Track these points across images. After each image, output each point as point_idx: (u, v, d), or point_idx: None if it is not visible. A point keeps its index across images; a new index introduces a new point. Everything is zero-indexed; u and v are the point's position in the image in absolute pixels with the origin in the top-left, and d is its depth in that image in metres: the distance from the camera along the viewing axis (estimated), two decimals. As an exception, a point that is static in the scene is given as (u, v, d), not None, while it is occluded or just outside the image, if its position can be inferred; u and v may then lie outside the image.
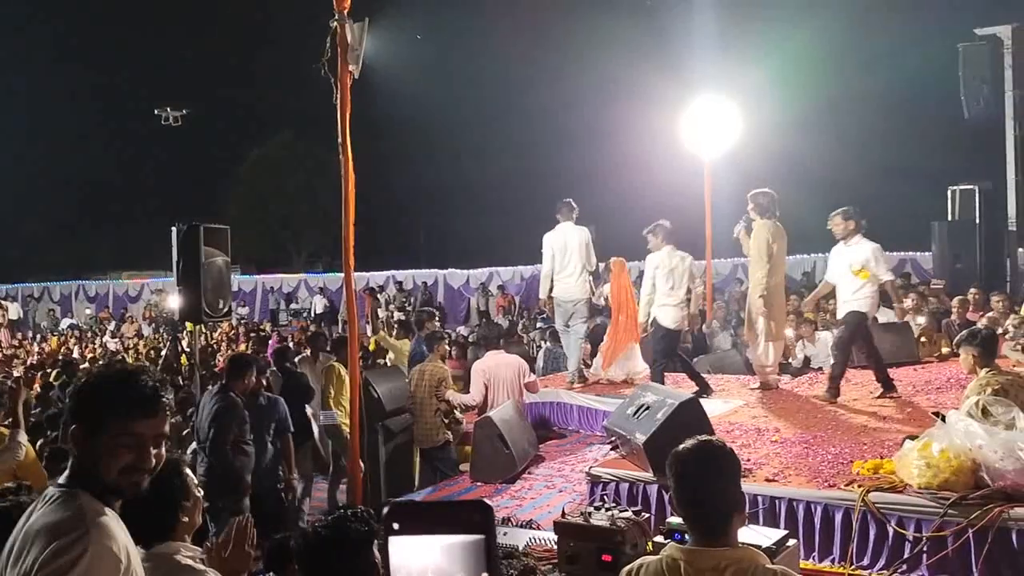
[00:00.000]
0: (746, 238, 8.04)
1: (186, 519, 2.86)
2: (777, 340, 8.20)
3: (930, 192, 16.23)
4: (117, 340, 20.10)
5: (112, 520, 2.08)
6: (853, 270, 7.49)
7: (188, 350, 10.24)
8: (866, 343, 7.72)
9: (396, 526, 1.57)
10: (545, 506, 6.16)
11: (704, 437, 2.63)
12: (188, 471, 3.03)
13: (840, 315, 7.77)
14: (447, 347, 8.52)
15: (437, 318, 10.62)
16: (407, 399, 8.15)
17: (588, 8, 35.86)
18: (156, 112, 26.97)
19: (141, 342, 19.27)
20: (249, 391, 6.73)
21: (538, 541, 4.66)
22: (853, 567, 4.57)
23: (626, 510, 4.32)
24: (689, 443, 2.60)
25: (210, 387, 7.07)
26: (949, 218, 14.52)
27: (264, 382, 7.69)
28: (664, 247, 8.50)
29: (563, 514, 4.38)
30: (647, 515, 4.60)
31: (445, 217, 41.34)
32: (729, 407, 7.41)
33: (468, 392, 8.15)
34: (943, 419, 4.78)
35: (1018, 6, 14.22)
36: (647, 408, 5.56)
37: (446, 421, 7.98)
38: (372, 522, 2.38)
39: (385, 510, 1.60)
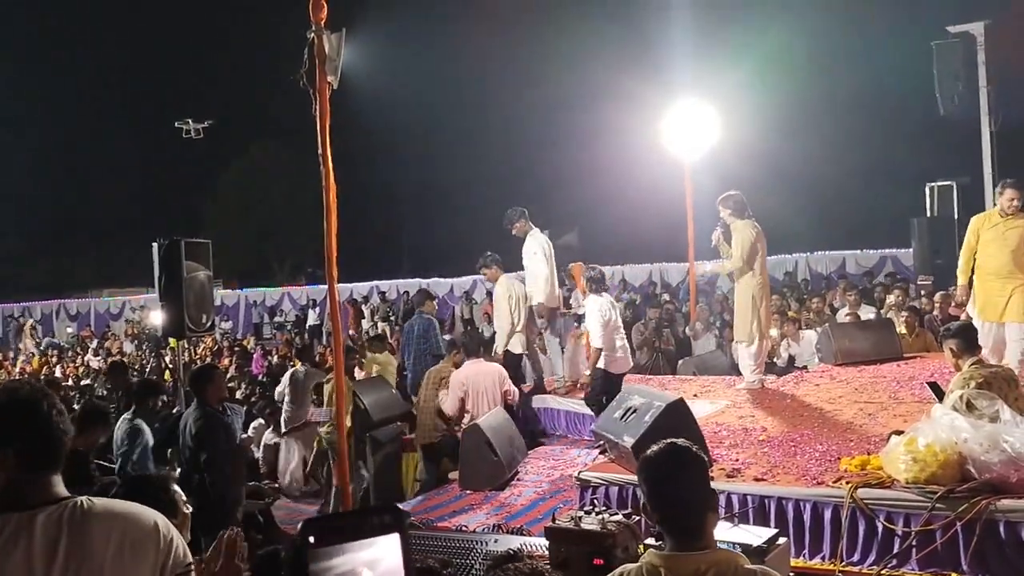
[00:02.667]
0: (724, 244, 8.04)
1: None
2: (763, 339, 8.23)
3: (909, 189, 16.38)
4: (100, 358, 19.94)
5: None
6: None
7: (171, 366, 10.15)
8: None
9: (312, 540, 1.59)
10: (535, 512, 6.16)
11: (670, 440, 2.62)
12: (176, 488, 3.01)
13: None
14: (460, 358, 8.61)
15: (436, 300, 10.90)
16: (399, 407, 8.38)
17: (567, 12, 35.97)
18: (177, 125, 26.23)
19: (124, 359, 19.09)
20: (222, 399, 6.61)
21: (529, 547, 4.64)
22: (843, 563, 4.59)
23: (616, 513, 4.32)
24: (656, 447, 2.59)
25: (193, 404, 6.97)
26: (928, 214, 14.66)
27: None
28: (501, 276, 9.25)
29: (553, 519, 4.37)
30: (637, 518, 4.60)
31: (427, 224, 41.28)
32: (716, 408, 7.43)
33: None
34: (937, 390, 4.81)
35: (990, 3, 14.34)
36: (634, 411, 5.57)
37: (443, 422, 8.30)
38: None
39: (299, 527, 1.62)
